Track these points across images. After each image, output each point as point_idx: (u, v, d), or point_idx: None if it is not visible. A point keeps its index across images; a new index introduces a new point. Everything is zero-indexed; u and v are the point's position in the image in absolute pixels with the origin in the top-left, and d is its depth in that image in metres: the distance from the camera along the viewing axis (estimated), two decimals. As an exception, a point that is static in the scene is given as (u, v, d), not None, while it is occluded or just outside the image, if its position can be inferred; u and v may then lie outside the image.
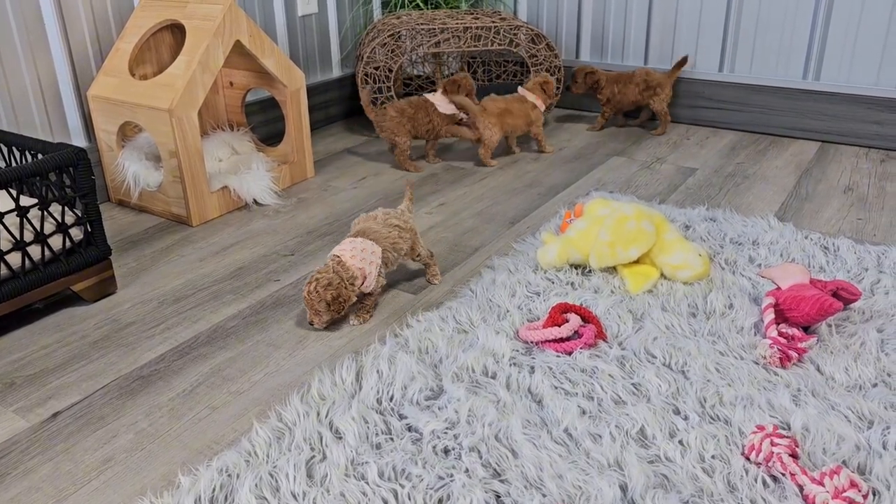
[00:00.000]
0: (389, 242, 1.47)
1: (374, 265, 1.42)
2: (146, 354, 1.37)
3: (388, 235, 1.47)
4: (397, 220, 1.51)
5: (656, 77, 2.51)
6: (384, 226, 1.49)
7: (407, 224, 1.53)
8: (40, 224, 1.42)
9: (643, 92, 2.52)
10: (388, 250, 1.47)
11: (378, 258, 1.43)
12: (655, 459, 1.04)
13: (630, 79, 2.52)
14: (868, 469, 1.01)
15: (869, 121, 2.34)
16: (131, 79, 1.91)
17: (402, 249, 1.50)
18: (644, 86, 2.51)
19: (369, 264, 1.41)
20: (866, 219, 1.84)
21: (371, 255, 1.42)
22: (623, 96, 2.54)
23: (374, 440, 1.09)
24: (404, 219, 1.53)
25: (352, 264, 1.40)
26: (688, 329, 1.36)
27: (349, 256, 1.41)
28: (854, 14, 2.28)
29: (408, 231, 1.52)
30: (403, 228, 1.51)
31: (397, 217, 1.52)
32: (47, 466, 1.09)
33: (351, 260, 1.40)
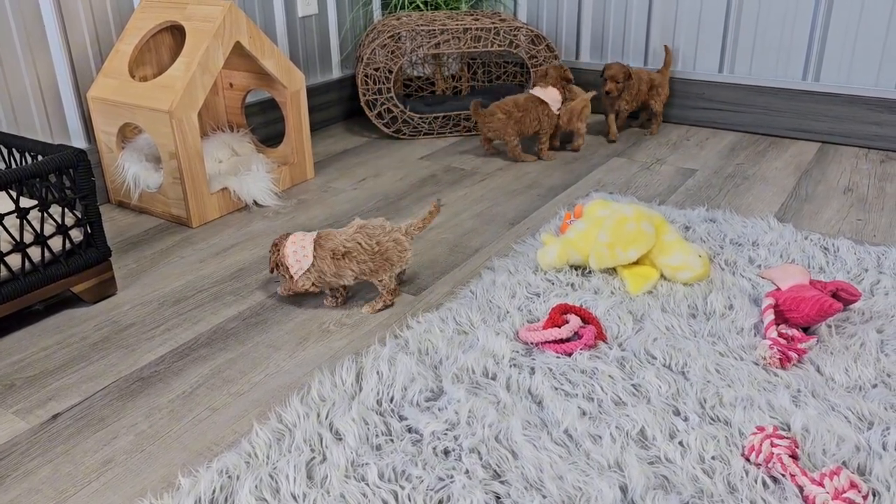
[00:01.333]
0: (329, 259, 1.43)
1: (300, 265, 1.45)
2: (146, 356, 1.37)
3: (342, 245, 1.43)
4: (370, 241, 1.44)
5: (656, 77, 2.52)
6: (361, 235, 1.44)
7: (380, 248, 1.44)
8: (40, 225, 1.42)
9: (649, 91, 2.52)
10: (321, 260, 1.44)
11: (306, 262, 1.45)
12: (656, 460, 1.04)
13: (637, 78, 2.50)
14: (868, 470, 1.01)
15: (869, 121, 2.34)
16: (131, 80, 1.91)
17: (349, 273, 1.44)
18: (649, 85, 2.51)
19: (296, 261, 1.45)
20: (866, 219, 1.85)
21: (303, 257, 1.45)
22: (636, 97, 2.51)
23: (375, 441, 1.09)
24: (381, 240, 1.44)
25: (288, 250, 1.46)
26: (688, 330, 1.36)
27: (291, 241, 1.46)
28: (854, 15, 2.28)
29: (371, 255, 1.44)
30: (367, 251, 1.43)
31: (376, 237, 1.45)
32: (47, 468, 1.09)
33: (290, 246, 1.46)
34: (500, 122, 2.28)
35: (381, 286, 1.48)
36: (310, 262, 1.45)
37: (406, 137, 2.62)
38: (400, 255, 1.46)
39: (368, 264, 1.45)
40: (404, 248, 1.47)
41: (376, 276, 1.46)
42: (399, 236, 1.46)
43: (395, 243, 1.46)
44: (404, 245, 1.47)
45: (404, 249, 1.47)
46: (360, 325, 1.45)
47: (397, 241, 1.46)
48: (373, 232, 1.45)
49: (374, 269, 1.46)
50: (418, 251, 1.75)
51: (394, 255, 1.46)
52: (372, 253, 1.44)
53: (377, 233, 1.45)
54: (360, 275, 1.46)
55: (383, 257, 1.45)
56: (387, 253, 1.45)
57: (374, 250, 1.44)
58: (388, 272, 1.47)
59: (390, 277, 1.47)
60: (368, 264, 1.45)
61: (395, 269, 1.47)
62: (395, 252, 1.46)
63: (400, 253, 1.46)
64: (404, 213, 1.98)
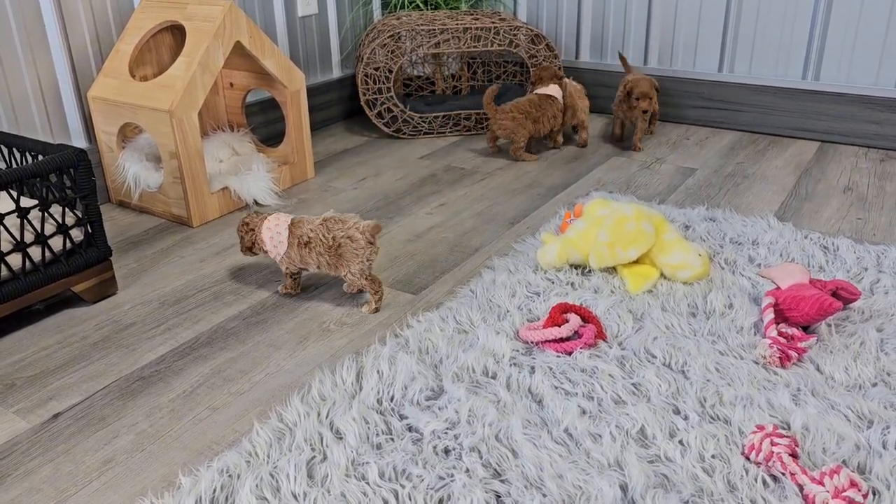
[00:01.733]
0: (296, 246, 1.48)
1: (276, 249, 1.50)
2: (147, 355, 1.37)
3: (307, 234, 1.47)
4: (327, 235, 1.45)
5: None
6: (322, 227, 1.46)
7: (334, 242, 1.45)
8: (41, 225, 1.43)
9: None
10: (290, 246, 1.49)
11: (282, 247, 1.49)
12: (655, 459, 1.04)
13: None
14: (868, 468, 1.01)
15: (868, 120, 2.34)
16: (131, 80, 1.91)
17: (311, 262, 1.48)
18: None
19: (273, 246, 1.50)
20: (866, 218, 1.85)
21: (279, 242, 1.49)
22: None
23: (375, 440, 1.09)
24: (337, 235, 1.45)
25: (263, 234, 1.51)
26: (688, 329, 1.36)
27: (267, 227, 1.51)
28: (853, 14, 2.28)
29: (327, 249, 1.45)
30: (323, 244, 1.45)
31: (333, 231, 1.45)
32: (48, 467, 1.09)
33: (265, 231, 1.51)
34: (516, 122, 2.29)
35: (352, 281, 1.47)
36: (285, 247, 1.48)
37: (406, 137, 2.62)
38: (355, 252, 1.45)
39: (325, 257, 1.46)
40: (360, 245, 1.44)
41: (337, 270, 1.48)
42: (356, 233, 1.45)
43: (349, 240, 1.45)
44: (360, 243, 1.44)
45: (360, 247, 1.44)
46: (360, 324, 1.45)
47: (352, 237, 1.45)
48: (332, 226, 1.46)
49: (332, 264, 1.47)
50: (417, 251, 1.75)
51: (347, 251, 1.45)
52: (327, 246, 1.46)
53: (336, 227, 1.46)
54: (319, 266, 1.48)
55: (337, 252, 1.46)
56: (340, 248, 1.45)
57: (330, 244, 1.45)
58: (346, 268, 1.46)
59: (360, 272, 1.46)
60: (325, 257, 1.46)
61: (353, 266, 1.45)
62: (349, 248, 1.45)
63: (355, 250, 1.45)
64: (404, 212, 1.98)
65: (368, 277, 1.47)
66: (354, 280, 1.47)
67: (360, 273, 1.46)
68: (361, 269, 1.46)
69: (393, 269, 1.67)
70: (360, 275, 1.46)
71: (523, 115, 2.29)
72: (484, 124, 2.62)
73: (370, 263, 1.46)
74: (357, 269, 1.45)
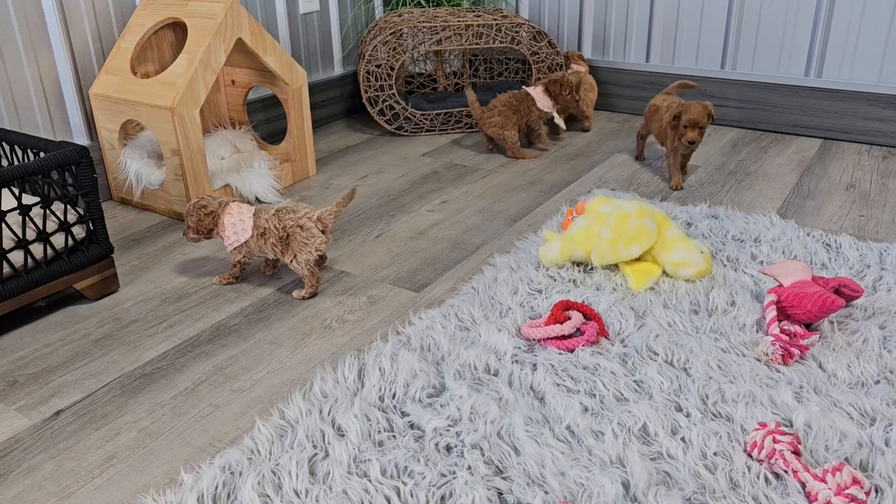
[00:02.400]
0: (256, 235, 1.51)
1: (238, 237, 1.51)
2: (148, 352, 1.37)
3: (263, 225, 1.50)
4: (279, 224, 1.48)
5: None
6: (275, 218, 1.49)
7: (284, 231, 1.48)
8: (42, 222, 1.43)
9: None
10: (255, 236, 1.51)
11: (244, 236, 1.51)
12: (658, 456, 1.04)
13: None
14: (870, 466, 1.01)
15: (871, 118, 2.33)
16: (133, 77, 1.91)
17: (269, 251, 1.51)
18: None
19: (233, 233, 1.51)
20: (868, 216, 1.84)
21: (241, 230, 1.51)
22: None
23: (377, 438, 1.09)
24: (287, 224, 1.48)
25: (225, 220, 1.52)
26: (690, 326, 1.36)
27: (230, 213, 1.52)
28: (856, 11, 2.28)
29: (279, 238, 1.48)
30: (276, 233, 1.48)
31: (284, 220, 1.48)
32: (50, 464, 1.10)
33: (227, 217, 1.52)
34: (503, 117, 2.30)
35: (295, 268, 1.50)
36: (248, 235, 1.50)
37: (408, 134, 2.62)
38: (304, 241, 1.47)
39: (278, 246, 1.49)
40: (311, 234, 1.47)
41: (285, 258, 1.50)
42: (307, 222, 1.47)
43: (300, 228, 1.47)
44: (311, 232, 1.47)
45: (311, 236, 1.47)
46: (362, 321, 1.45)
47: (303, 226, 1.47)
48: (284, 215, 1.49)
49: (283, 252, 1.50)
50: (419, 248, 1.75)
51: (296, 239, 1.47)
52: (279, 236, 1.48)
53: (287, 216, 1.49)
54: (273, 255, 1.51)
55: (286, 241, 1.48)
56: (289, 238, 1.48)
57: (280, 234, 1.48)
58: (293, 256, 1.49)
59: (305, 262, 1.48)
60: (278, 246, 1.49)
61: (302, 255, 1.48)
62: (299, 237, 1.47)
63: (304, 239, 1.47)
64: (406, 209, 1.98)
65: (310, 269, 1.50)
66: (298, 268, 1.50)
67: (305, 263, 1.48)
68: (307, 259, 1.48)
69: (395, 266, 1.67)
70: (304, 264, 1.49)
71: (508, 109, 2.31)
72: (486, 121, 2.62)
73: (318, 254, 1.49)
74: (302, 259, 1.48)
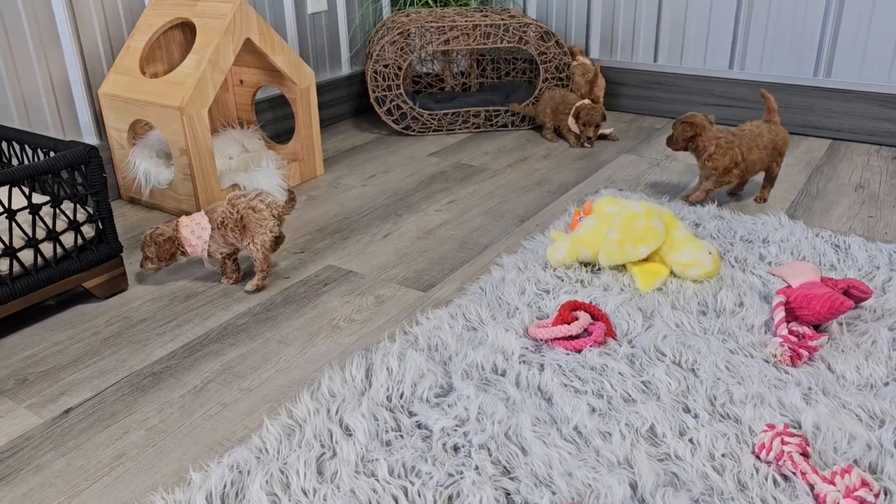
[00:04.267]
0: (217, 222, 1.54)
1: (202, 239, 1.54)
2: (157, 351, 1.38)
3: (220, 215, 1.53)
4: (233, 210, 1.52)
5: (782, 134, 1.88)
6: (228, 205, 1.53)
7: (239, 215, 1.52)
8: (52, 221, 1.43)
9: (771, 154, 1.87)
10: (215, 229, 1.54)
11: (206, 234, 1.54)
12: (665, 457, 1.04)
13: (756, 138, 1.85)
14: (879, 468, 1.01)
15: (880, 118, 2.32)
16: (142, 77, 1.92)
17: (232, 242, 1.55)
18: (772, 146, 1.86)
19: (197, 238, 1.54)
20: (877, 216, 1.83)
21: (201, 230, 1.54)
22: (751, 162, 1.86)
23: (384, 437, 1.09)
24: (240, 208, 1.52)
25: (183, 233, 1.55)
26: (698, 327, 1.35)
27: (185, 225, 1.55)
28: (865, 10, 2.26)
29: (235, 223, 1.52)
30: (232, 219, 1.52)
31: (238, 205, 1.53)
32: (60, 462, 1.10)
33: (184, 230, 1.55)
34: (542, 104, 2.51)
35: (253, 252, 1.53)
36: (208, 231, 1.53)
37: (415, 134, 2.62)
38: (258, 222, 1.51)
39: (236, 232, 1.52)
40: (263, 216, 1.51)
41: (243, 242, 1.53)
42: (258, 204, 1.52)
43: (252, 210, 1.51)
44: (263, 214, 1.51)
45: (263, 218, 1.51)
46: (369, 321, 1.45)
47: (255, 208, 1.51)
48: (236, 200, 1.53)
49: (240, 238, 1.53)
50: (427, 248, 1.75)
51: (251, 221, 1.51)
52: (235, 221, 1.52)
53: (239, 201, 1.53)
54: (235, 244, 1.54)
55: (241, 224, 1.52)
56: (243, 220, 1.52)
57: (236, 218, 1.52)
58: (251, 238, 1.52)
59: (262, 244, 1.51)
60: (236, 232, 1.52)
61: (256, 237, 1.51)
62: (253, 218, 1.51)
63: (258, 220, 1.51)
64: (414, 209, 1.98)
65: (264, 253, 1.53)
66: (254, 251, 1.52)
67: (262, 244, 1.51)
68: (264, 241, 1.51)
69: (402, 265, 1.68)
70: (261, 246, 1.52)
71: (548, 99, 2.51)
72: (494, 121, 2.62)
73: (272, 235, 1.52)
74: (259, 241, 1.51)
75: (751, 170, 1.87)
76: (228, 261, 1.60)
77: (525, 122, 2.64)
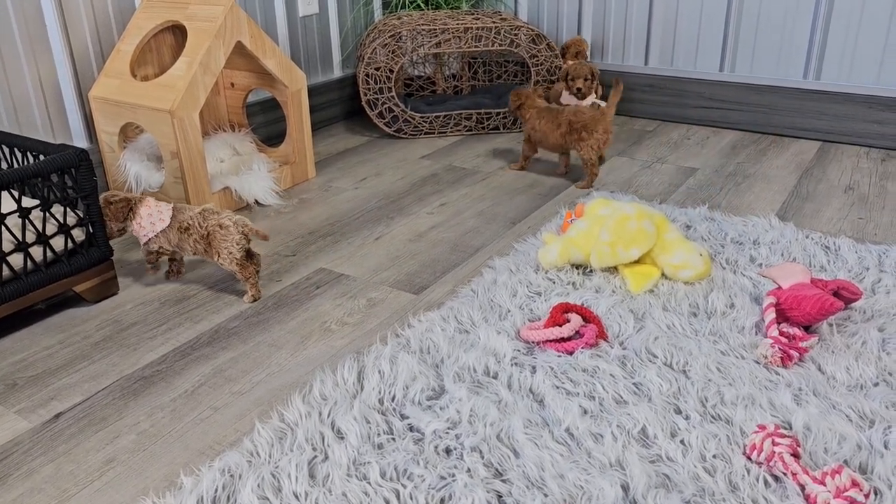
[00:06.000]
0: (176, 229, 1.54)
1: (154, 228, 1.55)
2: (148, 355, 1.37)
3: (187, 220, 1.53)
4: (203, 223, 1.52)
5: (583, 118, 2.07)
6: (200, 216, 1.52)
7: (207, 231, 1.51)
8: (42, 225, 1.43)
9: (566, 135, 2.09)
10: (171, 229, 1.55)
11: (160, 226, 1.54)
12: (657, 459, 1.04)
13: (555, 117, 2.11)
14: (870, 468, 1.01)
15: (869, 120, 2.34)
16: (133, 80, 1.91)
17: (187, 248, 1.55)
18: (567, 128, 2.08)
19: (150, 224, 1.55)
20: (867, 218, 1.85)
21: (158, 220, 1.55)
22: (544, 135, 2.14)
23: (376, 440, 1.09)
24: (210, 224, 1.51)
25: (142, 211, 1.56)
26: (689, 329, 1.36)
27: (146, 205, 1.56)
28: (854, 13, 2.28)
29: (201, 236, 1.51)
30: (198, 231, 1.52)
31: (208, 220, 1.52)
32: (49, 467, 1.10)
33: (144, 209, 1.56)
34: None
35: (226, 267, 1.52)
36: (164, 225, 1.53)
37: (407, 137, 2.62)
38: (224, 238, 1.50)
39: (200, 244, 1.52)
40: (229, 232, 1.50)
41: (208, 256, 1.53)
42: (227, 223, 1.51)
43: (220, 228, 1.50)
44: (230, 230, 1.50)
45: (229, 234, 1.50)
46: (361, 324, 1.45)
47: (222, 225, 1.51)
48: (208, 215, 1.53)
49: (206, 251, 1.53)
50: (418, 251, 1.75)
51: (216, 237, 1.51)
52: (201, 235, 1.51)
53: (211, 217, 1.52)
54: (195, 252, 1.54)
55: (207, 240, 1.52)
56: (209, 237, 1.51)
57: (202, 233, 1.51)
58: (217, 253, 1.51)
59: (230, 257, 1.51)
60: (200, 244, 1.52)
61: (224, 251, 1.50)
62: (219, 234, 1.50)
63: (223, 237, 1.50)
64: (405, 212, 1.98)
65: (239, 264, 1.52)
66: (225, 264, 1.52)
67: (229, 260, 1.51)
68: (231, 256, 1.50)
69: (394, 268, 1.68)
70: (229, 261, 1.51)
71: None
72: (485, 124, 2.62)
73: (239, 248, 1.51)
74: (227, 256, 1.51)
75: (543, 142, 2.16)
76: (155, 256, 1.61)
77: (517, 125, 2.64)
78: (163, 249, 1.58)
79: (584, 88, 2.37)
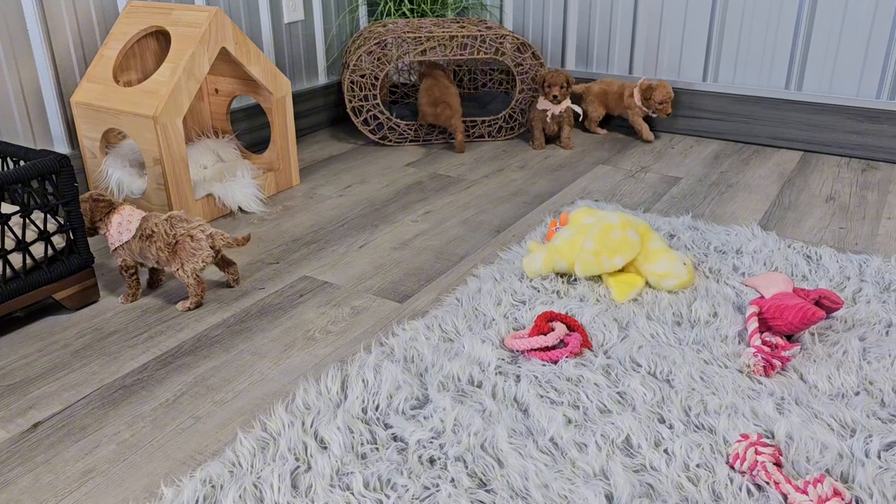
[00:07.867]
0: (138, 238, 1.52)
1: (122, 237, 1.52)
2: (129, 364, 1.36)
3: (151, 228, 1.51)
4: (169, 231, 1.49)
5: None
6: (167, 223, 1.50)
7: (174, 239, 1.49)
8: (22, 232, 1.41)
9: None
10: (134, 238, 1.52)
11: (126, 236, 1.52)
12: (641, 468, 1.04)
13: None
14: (851, 477, 1.02)
15: (850, 131, 2.36)
16: (115, 85, 1.90)
17: (150, 256, 1.52)
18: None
19: (117, 233, 1.53)
20: (848, 228, 1.86)
21: (126, 229, 1.52)
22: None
23: (360, 450, 1.08)
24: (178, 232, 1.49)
25: (114, 218, 1.54)
26: (672, 338, 1.36)
27: (120, 213, 1.54)
28: (836, 25, 2.31)
29: (167, 244, 1.49)
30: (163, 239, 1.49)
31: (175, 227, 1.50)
32: (27, 478, 1.08)
33: (116, 217, 1.53)
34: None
35: (183, 279, 1.51)
36: (129, 236, 1.51)
37: (392, 144, 2.62)
38: (193, 251, 1.49)
39: (164, 252, 1.50)
40: (200, 246, 1.49)
41: (171, 266, 1.51)
42: (197, 233, 1.49)
43: (190, 238, 1.49)
44: (201, 244, 1.49)
45: (199, 248, 1.49)
46: (345, 332, 1.45)
47: (193, 236, 1.49)
48: (176, 223, 1.51)
49: (168, 260, 1.51)
50: (403, 259, 1.75)
51: (185, 249, 1.49)
52: (167, 242, 1.49)
53: (179, 224, 1.50)
54: (158, 261, 1.52)
55: (172, 249, 1.50)
56: (176, 246, 1.49)
57: (169, 241, 1.49)
58: (180, 264, 1.50)
59: (192, 271, 1.50)
60: (164, 252, 1.50)
61: (186, 264, 1.49)
62: (188, 246, 1.49)
63: (193, 249, 1.49)
64: (390, 219, 1.98)
65: (196, 279, 1.51)
66: (183, 277, 1.50)
67: (192, 272, 1.50)
68: (194, 269, 1.49)
69: (378, 276, 1.67)
70: (190, 273, 1.50)
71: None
72: (470, 132, 2.62)
73: (204, 265, 1.50)
74: (189, 269, 1.49)
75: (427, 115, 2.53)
76: (126, 273, 1.56)
77: (501, 133, 2.65)
78: (125, 263, 1.55)
79: (560, 95, 2.47)
